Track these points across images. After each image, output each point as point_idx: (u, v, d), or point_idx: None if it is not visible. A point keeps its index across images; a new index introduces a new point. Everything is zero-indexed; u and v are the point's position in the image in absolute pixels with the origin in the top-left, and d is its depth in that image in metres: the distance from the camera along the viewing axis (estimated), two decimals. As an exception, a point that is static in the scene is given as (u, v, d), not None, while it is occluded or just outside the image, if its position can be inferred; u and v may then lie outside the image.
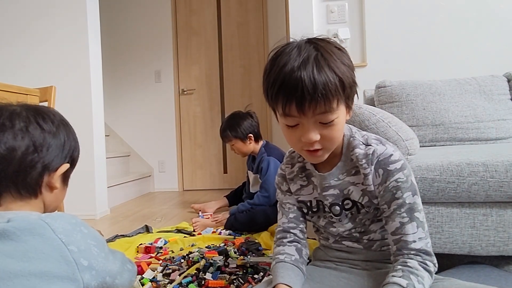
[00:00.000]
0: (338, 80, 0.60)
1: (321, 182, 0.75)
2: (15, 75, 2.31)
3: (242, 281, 1.08)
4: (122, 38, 3.57)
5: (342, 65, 0.62)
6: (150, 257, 1.38)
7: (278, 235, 0.81)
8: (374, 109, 1.16)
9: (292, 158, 0.82)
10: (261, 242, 1.51)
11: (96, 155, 2.35)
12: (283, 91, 0.61)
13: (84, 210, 2.29)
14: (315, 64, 0.59)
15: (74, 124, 2.54)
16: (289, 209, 0.82)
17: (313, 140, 0.63)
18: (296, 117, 0.62)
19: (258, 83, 3.50)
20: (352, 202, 0.73)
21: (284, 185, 0.83)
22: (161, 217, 2.24)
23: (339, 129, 0.66)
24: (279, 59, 0.63)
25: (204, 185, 3.57)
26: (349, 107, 0.67)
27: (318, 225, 0.81)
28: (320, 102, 0.59)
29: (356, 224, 0.74)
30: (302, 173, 0.80)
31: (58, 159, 0.62)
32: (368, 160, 0.69)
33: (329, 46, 0.64)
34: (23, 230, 0.49)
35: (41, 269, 0.48)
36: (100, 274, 0.53)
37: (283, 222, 0.81)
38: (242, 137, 1.97)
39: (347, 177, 0.72)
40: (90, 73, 2.31)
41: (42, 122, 0.60)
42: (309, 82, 0.58)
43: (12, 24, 2.36)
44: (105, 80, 2.58)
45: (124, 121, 3.59)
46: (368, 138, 0.72)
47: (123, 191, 2.94)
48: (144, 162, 3.57)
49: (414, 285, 0.59)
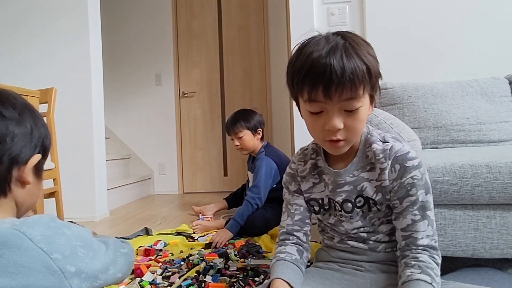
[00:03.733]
0: (365, 68, 0.62)
1: (335, 179, 0.74)
2: (16, 76, 2.30)
3: (242, 284, 1.07)
4: (123, 41, 3.58)
5: (369, 55, 0.64)
6: (150, 259, 1.37)
7: (281, 237, 0.80)
8: (376, 111, 1.16)
9: (304, 155, 0.82)
10: (261, 244, 1.50)
11: (96, 158, 2.34)
12: (310, 76, 0.62)
13: (83, 213, 2.27)
14: (343, 51, 0.61)
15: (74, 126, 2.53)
16: (295, 210, 0.81)
17: (337, 128, 0.63)
18: (322, 103, 0.63)
19: (259, 86, 3.51)
20: (365, 199, 0.73)
21: (292, 185, 0.83)
22: (161, 219, 2.22)
23: (362, 120, 0.66)
24: (306, 48, 0.64)
25: (205, 188, 3.55)
26: (373, 99, 0.68)
27: (327, 223, 0.80)
28: (347, 87, 0.60)
29: (366, 223, 0.74)
30: (314, 170, 0.80)
31: (26, 149, 0.53)
32: (385, 155, 0.69)
33: (356, 38, 0.66)
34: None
35: (24, 284, 0.43)
36: (90, 275, 0.49)
37: (288, 224, 0.81)
38: (253, 129, 1.95)
39: (362, 173, 0.73)
40: (90, 75, 2.31)
41: (1, 108, 0.51)
42: (338, 66, 0.59)
43: (13, 26, 2.36)
44: (106, 82, 2.57)
45: (124, 124, 3.59)
46: (385, 136, 0.74)
47: (123, 193, 2.93)
48: (144, 165, 3.56)
49: (435, 279, 0.61)
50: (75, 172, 2.26)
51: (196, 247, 1.52)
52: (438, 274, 0.63)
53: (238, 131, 1.95)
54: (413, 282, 0.60)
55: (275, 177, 1.86)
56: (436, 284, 0.61)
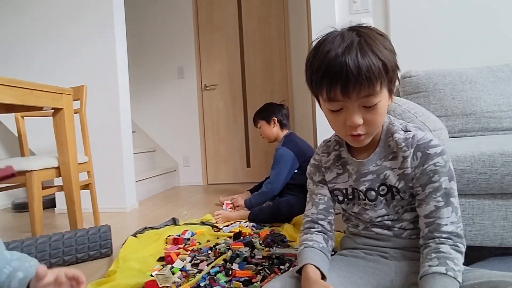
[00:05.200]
0: (381, 64, 0.62)
1: (358, 168, 0.76)
2: (48, 74, 2.42)
3: (268, 271, 1.10)
4: (146, 36, 3.66)
5: (385, 49, 0.64)
6: (179, 248, 1.43)
7: (306, 225, 0.83)
8: (399, 100, 1.14)
9: (327, 147, 0.84)
10: (285, 234, 1.53)
11: (124, 151, 2.43)
12: (328, 76, 0.63)
13: (114, 203, 2.39)
14: (358, 49, 0.62)
15: (103, 121, 2.65)
16: (319, 200, 0.83)
17: (357, 124, 0.65)
18: (341, 101, 0.65)
19: (279, 77, 3.50)
20: (388, 187, 0.74)
21: (317, 176, 0.85)
22: (187, 210, 2.30)
23: (381, 113, 0.67)
24: (323, 47, 0.65)
25: (228, 179, 3.62)
26: (391, 91, 0.69)
27: (351, 212, 0.81)
28: (364, 85, 0.62)
29: (390, 210, 0.75)
30: (337, 161, 0.81)
31: None
32: (407, 144, 0.71)
33: (371, 33, 0.66)
34: None
35: None
36: None
37: (312, 213, 0.83)
38: (267, 118, 2.14)
39: (385, 162, 0.74)
40: (117, 71, 2.39)
41: None
42: (353, 66, 0.61)
43: (44, 27, 2.47)
44: (130, 78, 2.65)
45: (149, 118, 3.69)
46: (407, 125, 0.75)
47: (150, 185, 3.04)
48: (169, 157, 3.66)
49: (453, 268, 0.61)
50: (106, 165, 2.37)
51: (221, 236, 1.57)
52: (459, 263, 0.63)
53: (256, 122, 2.22)
54: (428, 276, 0.61)
55: (293, 164, 1.95)
56: (454, 272, 0.60)
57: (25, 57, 2.49)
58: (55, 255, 1.30)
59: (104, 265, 1.34)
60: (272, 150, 2.29)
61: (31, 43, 2.48)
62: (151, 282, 1.06)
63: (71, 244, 1.35)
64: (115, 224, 1.98)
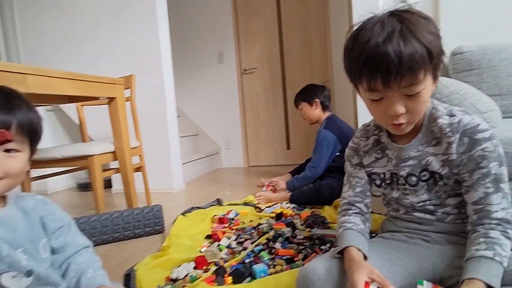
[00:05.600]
0: (425, 51, 0.60)
1: (398, 153, 0.75)
2: (98, 65, 2.61)
3: (310, 250, 1.15)
4: (186, 23, 3.74)
5: (429, 34, 0.61)
6: (224, 227, 1.53)
7: (343, 207, 0.84)
8: (447, 81, 1.10)
9: (367, 131, 0.84)
10: (326, 215, 1.56)
11: (170, 135, 2.58)
12: (368, 66, 0.62)
13: (163, 185, 2.57)
14: (400, 37, 0.59)
15: (150, 107, 2.80)
16: (356, 183, 0.84)
17: (399, 113, 0.64)
18: (381, 91, 0.64)
19: (319, 59, 3.43)
20: (430, 173, 0.72)
21: (355, 158, 0.85)
22: (230, 191, 2.40)
23: (424, 101, 0.65)
24: (361, 35, 0.63)
25: (268, 161, 3.69)
26: (436, 77, 0.66)
27: (390, 197, 0.81)
28: (406, 75, 0.60)
29: (432, 196, 0.74)
30: (377, 146, 0.81)
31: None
32: (452, 129, 0.68)
33: (414, 17, 0.63)
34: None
35: None
36: None
37: (349, 195, 0.84)
38: (309, 100, 2.12)
39: (427, 147, 0.72)
40: (161, 61, 2.50)
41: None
42: (394, 56, 0.58)
43: (94, 22, 2.63)
44: (173, 65, 2.76)
45: (192, 103, 3.83)
46: (452, 109, 0.72)
47: (195, 167, 3.20)
48: (212, 141, 3.80)
49: (500, 253, 0.60)
50: (154, 149, 2.54)
51: (264, 217, 1.64)
52: (507, 250, 0.61)
53: (298, 104, 2.20)
54: (475, 260, 0.61)
55: (335, 147, 1.95)
56: (500, 258, 0.60)
57: (77, 49, 2.68)
58: (116, 230, 1.46)
59: (158, 240, 1.48)
60: (313, 133, 2.30)
61: (82, 37, 2.66)
62: (200, 257, 1.16)
63: (129, 221, 1.50)
64: (165, 203, 2.14)
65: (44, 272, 0.63)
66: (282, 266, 1.07)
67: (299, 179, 2.03)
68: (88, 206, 2.27)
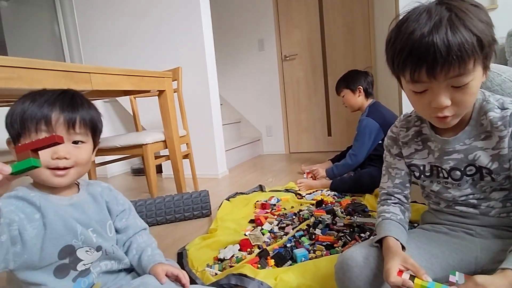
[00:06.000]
0: (476, 40, 0.57)
1: (443, 146, 0.74)
2: (149, 59, 2.77)
3: (349, 238, 1.18)
4: (227, 12, 3.79)
5: (480, 22, 0.59)
6: (266, 212, 1.60)
7: (382, 197, 0.85)
8: (500, 68, 1.04)
9: (407, 122, 0.82)
10: (366, 204, 1.57)
11: (214, 123, 2.69)
12: (412, 57, 0.60)
13: (209, 171, 2.71)
14: (449, 25, 0.57)
15: (195, 97, 2.95)
16: (396, 174, 0.83)
17: (443, 105, 0.62)
18: (425, 83, 0.62)
19: (362, 42, 3.31)
20: (477, 168, 0.70)
21: (394, 148, 0.84)
22: (272, 177, 2.48)
23: (472, 93, 0.62)
24: (405, 26, 0.62)
25: (309, 148, 3.70)
26: (486, 67, 0.63)
27: (430, 190, 0.80)
28: (455, 65, 0.58)
29: (476, 190, 0.72)
30: (417, 137, 0.79)
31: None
32: (505, 122, 0.66)
33: (464, 5, 0.60)
34: None
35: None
36: None
37: (388, 186, 0.84)
38: (353, 88, 2.06)
39: (475, 141, 0.70)
40: (205, 52, 2.59)
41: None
42: (442, 45, 0.57)
43: (142, 19, 2.79)
44: (216, 55, 2.84)
45: (234, 91, 3.93)
46: (504, 102, 0.69)
47: (238, 154, 3.31)
48: (253, 128, 3.89)
49: None
50: (199, 137, 2.68)
51: (304, 204, 1.69)
52: None
53: (340, 91, 2.14)
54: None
55: (377, 135, 1.91)
56: None
57: (128, 45, 2.87)
58: (169, 212, 1.60)
59: (206, 223, 1.60)
60: (354, 119, 2.27)
61: (132, 32, 2.84)
62: (245, 240, 1.25)
63: (179, 204, 1.63)
64: (210, 188, 2.27)
65: (110, 248, 0.75)
66: (322, 252, 1.12)
67: (339, 167, 2.03)
68: (142, 189, 2.48)
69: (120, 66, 2.44)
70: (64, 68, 1.24)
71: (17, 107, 0.67)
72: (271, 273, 0.98)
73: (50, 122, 0.67)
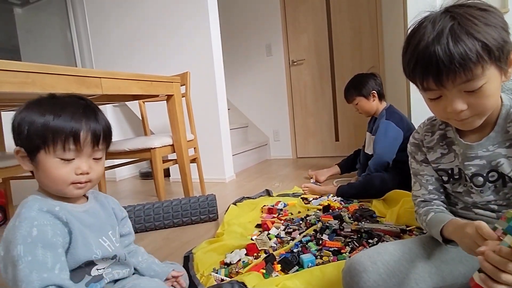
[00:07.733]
0: (480, 46, 0.58)
1: (465, 151, 0.73)
2: (158, 65, 2.81)
3: (357, 244, 1.18)
4: (235, 17, 3.83)
5: (486, 26, 0.58)
6: (273, 217, 1.60)
7: (421, 205, 0.82)
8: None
9: (432, 126, 0.82)
10: (374, 209, 1.55)
11: (221, 127, 2.70)
12: (419, 68, 0.63)
13: (216, 175, 2.72)
14: (450, 35, 0.58)
15: (202, 101, 2.99)
16: (427, 181, 0.82)
17: (459, 110, 0.62)
18: (437, 90, 0.63)
19: (370, 46, 3.30)
20: (499, 174, 0.69)
21: (419, 155, 0.83)
22: (279, 182, 2.47)
23: (489, 95, 0.62)
24: (415, 36, 0.64)
25: (316, 153, 3.68)
26: (503, 69, 0.62)
27: (455, 191, 0.79)
28: (459, 72, 0.58)
29: (499, 197, 0.71)
30: (442, 141, 0.79)
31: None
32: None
33: (469, 11, 0.60)
34: None
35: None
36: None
37: (423, 194, 0.82)
38: (366, 94, 2.00)
39: (499, 148, 0.69)
40: (213, 57, 2.62)
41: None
42: (443, 55, 0.58)
43: (152, 24, 2.83)
44: (223, 60, 2.87)
45: (241, 95, 3.95)
46: None
47: (245, 158, 3.32)
48: (261, 132, 3.89)
49: None
50: (207, 141, 2.69)
51: (311, 209, 1.68)
52: None
53: (352, 99, 2.06)
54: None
55: (398, 140, 1.84)
56: None
57: (137, 49, 2.92)
58: (176, 216, 1.61)
59: (212, 227, 1.61)
60: (362, 124, 2.25)
61: (141, 37, 2.89)
62: (251, 244, 1.25)
63: (186, 208, 1.64)
64: (217, 192, 2.28)
65: (123, 255, 0.77)
66: (329, 257, 1.11)
67: (356, 185, 1.83)
68: (150, 192, 2.50)
69: (129, 71, 2.48)
70: (75, 73, 1.27)
71: (33, 117, 0.65)
72: (276, 281, 0.96)
73: (79, 140, 0.67)
